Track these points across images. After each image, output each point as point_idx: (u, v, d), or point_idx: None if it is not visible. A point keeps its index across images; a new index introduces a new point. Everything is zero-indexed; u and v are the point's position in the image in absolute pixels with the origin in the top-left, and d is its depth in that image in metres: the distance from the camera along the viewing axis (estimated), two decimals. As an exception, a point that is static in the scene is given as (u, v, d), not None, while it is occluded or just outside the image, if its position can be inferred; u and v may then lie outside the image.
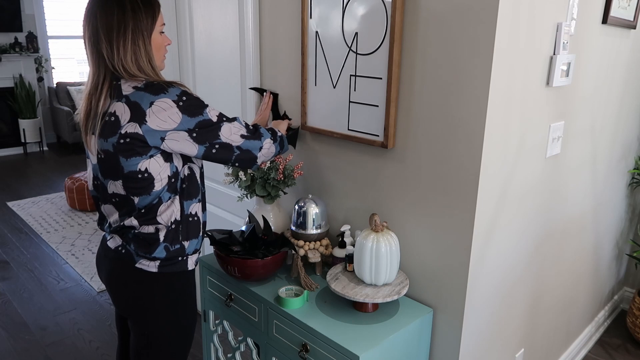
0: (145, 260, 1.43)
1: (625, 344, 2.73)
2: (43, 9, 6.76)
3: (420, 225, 1.61)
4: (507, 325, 1.84)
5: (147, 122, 1.29)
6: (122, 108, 1.30)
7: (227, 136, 1.39)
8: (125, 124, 1.30)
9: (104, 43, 1.31)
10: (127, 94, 1.31)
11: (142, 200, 1.39)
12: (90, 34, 1.32)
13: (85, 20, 1.33)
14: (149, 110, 1.29)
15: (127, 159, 1.33)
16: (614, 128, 2.30)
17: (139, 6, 1.33)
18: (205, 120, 1.35)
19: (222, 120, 1.39)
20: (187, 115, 1.32)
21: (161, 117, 1.29)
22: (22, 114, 6.55)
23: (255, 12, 1.98)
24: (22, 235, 4.15)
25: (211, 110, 1.38)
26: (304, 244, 1.75)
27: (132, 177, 1.35)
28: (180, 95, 1.32)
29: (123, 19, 1.30)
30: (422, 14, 1.46)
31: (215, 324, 1.97)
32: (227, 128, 1.40)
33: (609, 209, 2.51)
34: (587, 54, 1.85)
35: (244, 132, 1.44)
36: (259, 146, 1.48)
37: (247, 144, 1.44)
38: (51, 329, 2.84)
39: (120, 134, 1.30)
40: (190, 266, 1.50)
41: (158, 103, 1.30)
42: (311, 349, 1.50)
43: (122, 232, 1.44)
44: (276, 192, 1.82)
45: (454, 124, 1.45)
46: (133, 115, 1.29)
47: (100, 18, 1.30)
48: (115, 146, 1.32)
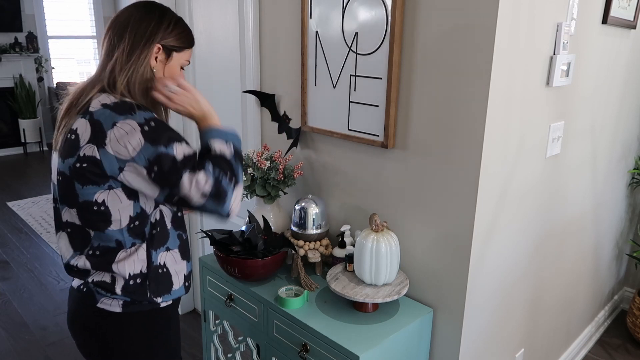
0: (107, 299, 1.24)
1: (625, 344, 2.73)
2: (43, 9, 6.76)
3: (420, 225, 1.61)
4: (507, 325, 1.84)
5: (105, 146, 1.12)
6: (85, 126, 1.14)
7: (186, 191, 1.14)
8: (84, 144, 1.13)
9: (124, 45, 1.19)
10: (93, 110, 1.15)
11: (97, 237, 1.21)
12: (111, 38, 1.21)
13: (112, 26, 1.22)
14: (110, 132, 1.12)
15: (83, 186, 1.16)
16: (614, 128, 2.30)
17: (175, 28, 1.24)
18: (166, 154, 1.12)
19: (185, 164, 1.14)
20: (149, 142, 1.12)
21: (121, 142, 1.11)
22: (22, 114, 6.55)
23: (255, 12, 1.98)
24: (22, 235, 4.15)
25: (179, 147, 1.15)
26: (304, 244, 1.75)
27: (87, 208, 1.18)
28: (149, 119, 1.14)
29: (156, 31, 1.21)
30: (422, 14, 1.46)
31: (215, 324, 1.97)
32: (188, 180, 1.13)
33: (609, 209, 2.51)
34: (587, 54, 1.85)
35: (207, 189, 1.15)
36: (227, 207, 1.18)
37: (210, 205, 1.16)
38: (51, 329, 2.84)
39: (78, 156, 1.14)
40: (163, 305, 1.30)
41: (121, 125, 1.12)
42: (311, 349, 1.50)
43: (78, 274, 1.26)
44: (276, 192, 1.82)
45: (454, 124, 1.45)
46: (93, 136, 1.13)
47: (132, 26, 1.20)
48: (71, 169, 1.16)
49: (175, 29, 1.25)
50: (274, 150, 1.95)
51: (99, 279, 1.24)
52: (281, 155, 1.84)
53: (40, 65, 6.78)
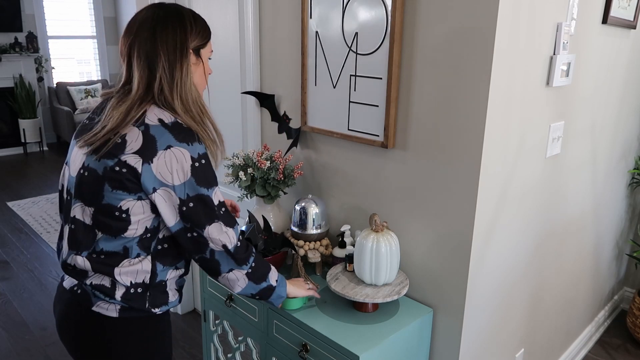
0: (104, 303, 1.21)
1: (625, 344, 2.73)
2: (43, 9, 6.76)
3: (420, 225, 1.61)
4: (507, 325, 1.84)
5: (151, 163, 1.12)
6: (136, 135, 1.13)
7: (212, 236, 1.19)
8: (129, 152, 1.12)
9: (162, 63, 1.15)
10: (150, 124, 1.14)
11: (104, 240, 1.19)
12: (144, 51, 1.16)
13: (137, 35, 1.17)
14: (161, 153, 1.12)
15: (113, 189, 1.14)
16: (614, 128, 2.30)
17: (196, 25, 1.21)
18: (206, 197, 1.18)
19: (219, 213, 1.20)
20: (195, 179, 1.15)
21: (169, 167, 1.13)
22: (22, 114, 6.55)
23: (255, 12, 1.98)
24: (22, 235, 4.15)
25: (217, 193, 1.21)
26: (304, 244, 1.75)
27: (107, 211, 1.16)
28: (202, 156, 1.17)
29: (186, 37, 1.18)
30: (422, 14, 1.46)
31: (215, 324, 1.97)
32: (217, 229, 1.20)
33: (609, 209, 2.51)
34: (587, 54, 1.85)
35: (230, 244, 1.22)
36: (229, 268, 1.24)
37: (221, 257, 1.22)
38: (51, 329, 2.84)
39: (118, 160, 1.12)
40: (159, 311, 1.28)
41: (175, 151, 1.13)
42: (311, 349, 1.50)
43: (74, 274, 1.23)
44: (276, 192, 1.82)
45: (454, 124, 1.45)
46: (142, 148, 1.12)
47: (160, 35, 1.16)
48: (106, 170, 1.14)
49: (197, 26, 1.22)
50: (274, 150, 1.95)
51: (98, 282, 1.21)
52: (281, 155, 1.84)
53: (40, 65, 6.78)
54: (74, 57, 7.33)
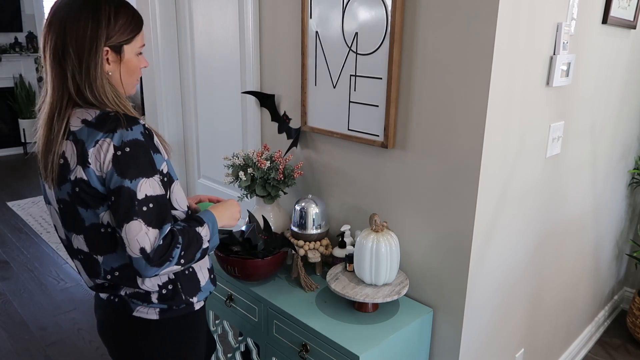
0: (143, 307, 1.23)
1: (625, 344, 2.73)
2: (43, 9, 6.75)
3: (420, 225, 1.61)
4: (507, 325, 1.84)
5: (90, 165, 1.07)
6: (71, 148, 1.09)
7: (128, 236, 1.06)
8: (74, 167, 1.08)
9: (71, 60, 1.08)
10: (75, 130, 1.09)
11: (108, 260, 1.17)
12: (54, 47, 1.08)
13: (49, 30, 1.09)
14: (91, 151, 1.06)
15: (87, 209, 1.12)
16: (614, 128, 2.30)
17: (116, 21, 1.11)
18: (126, 190, 1.06)
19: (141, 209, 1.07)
20: (116, 170, 1.06)
21: (99, 160, 1.07)
22: (22, 114, 6.55)
23: (255, 12, 1.98)
24: (22, 235, 4.15)
25: (145, 184, 1.07)
26: (304, 244, 1.75)
27: (94, 232, 1.14)
28: (127, 142, 1.06)
29: (97, 34, 1.08)
30: (422, 14, 1.46)
31: (215, 324, 1.97)
32: (135, 228, 1.06)
33: (609, 209, 2.51)
34: (587, 54, 1.85)
35: (149, 248, 1.07)
36: (154, 273, 1.10)
37: (139, 263, 1.08)
38: (51, 329, 2.84)
39: (71, 181, 1.09)
40: (198, 306, 1.30)
41: (101, 142, 1.06)
42: (311, 349, 1.50)
43: (106, 290, 1.24)
44: (276, 192, 1.82)
45: (454, 124, 1.45)
46: (79, 156, 1.08)
47: (69, 30, 1.07)
48: (70, 195, 1.11)
49: (117, 20, 1.11)
50: (274, 150, 1.95)
51: (132, 291, 1.22)
52: (281, 155, 1.84)
53: (40, 65, 6.76)
54: (74, 57, 7.32)
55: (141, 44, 1.19)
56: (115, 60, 1.14)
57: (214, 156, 2.50)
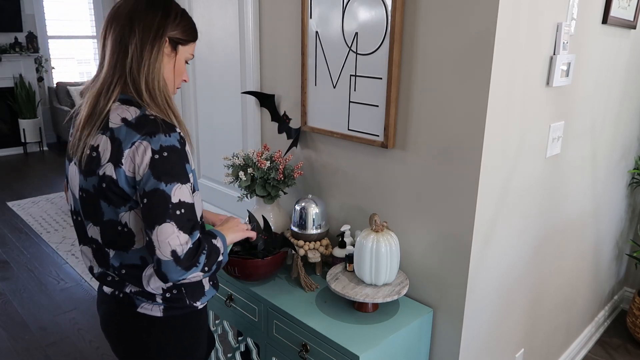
0: (148, 304, 1.25)
1: (625, 344, 2.73)
2: (43, 9, 6.75)
3: (420, 225, 1.61)
4: (507, 325, 1.84)
5: (122, 165, 1.09)
6: (106, 144, 1.11)
7: (160, 238, 1.07)
8: (104, 163, 1.11)
9: (135, 40, 1.12)
10: (114, 127, 1.11)
11: (118, 256, 1.19)
12: (120, 31, 1.14)
13: (113, 20, 1.16)
14: (127, 152, 1.09)
15: (109, 205, 1.14)
16: (614, 128, 2.30)
17: (181, 20, 1.20)
18: (161, 192, 1.07)
19: (174, 212, 1.08)
20: (152, 173, 1.08)
21: (134, 162, 1.09)
22: (22, 114, 6.55)
23: (255, 12, 1.98)
24: (22, 235, 4.15)
25: (179, 190, 1.10)
26: (304, 244, 1.75)
27: (111, 227, 1.16)
28: (165, 147, 1.09)
29: (165, 22, 1.16)
30: (422, 14, 1.46)
31: (215, 324, 1.97)
32: (168, 230, 1.07)
33: (609, 209, 2.51)
34: (587, 54, 1.85)
35: (180, 251, 1.09)
36: (181, 277, 1.12)
37: (169, 266, 1.08)
38: (51, 329, 2.84)
39: (99, 176, 1.12)
40: (200, 305, 1.32)
41: (137, 145, 1.08)
42: (311, 349, 1.50)
43: (112, 284, 1.25)
44: (276, 192, 1.82)
45: (454, 124, 1.45)
46: (112, 154, 1.10)
47: (137, 18, 1.14)
48: (95, 188, 1.13)
49: (182, 21, 1.20)
50: (274, 150, 1.95)
51: (136, 289, 1.23)
52: (281, 155, 1.84)
53: (40, 65, 6.78)
54: (74, 57, 7.32)
55: (191, 52, 1.26)
56: (169, 54, 1.20)
57: (214, 156, 2.50)
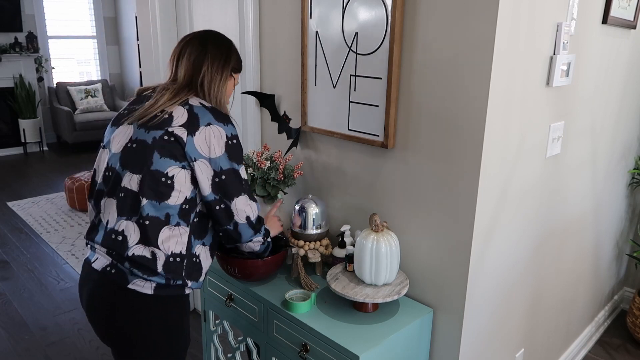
0: (140, 281, 1.31)
1: (625, 344, 2.73)
2: (43, 9, 6.76)
3: (420, 225, 1.61)
4: (507, 325, 1.84)
5: (194, 136, 1.30)
6: (182, 112, 1.32)
7: (238, 207, 1.36)
8: (176, 125, 1.30)
9: (208, 65, 1.39)
10: (193, 104, 1.34)
11: (149, 206, 1.29)
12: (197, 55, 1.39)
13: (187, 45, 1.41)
14: (202, 128, 1.31)
15: (162, 156, 1.29)
16: (614, 128, 2.30)
17: (237, 54, 1.49)
18: (237, 172, 1.35)
19: (246, 187, 1.39)
20: (227, 155, 1.33)
21: (207, 141, 1.31)
22: (22, 114, 6.55)
23: (255, 12, 1.98)
24: (22, 235, 4.15)
25: (244, 170, 1.40)
26: (304, 244, 1.75)
27: (154, 177, 1.29)
28: (234, 136, 1.36)
29: (229, 55, 1.44)
30: (422, 14, 1.46)
31: (215, 324, 1.97)
32: (244, 201, 1.37)
33: (609, 209, 2.51)
34: (587, 54, 1.85)
35: (252, 217, 1.40)
36: (250, 239, 1.43)
37: (244, 228, 1.40)
38: (51, 329, 2.84)
39: (166, 131, 1.29)
40: (187, 290, 1.41)
41: (213, 128, 1.32)
42: (311, 349, 1.50)
43: (117, 245, 1.31)
44: (276, 192, 1.82)
45: (454, 124, 1.45)
46: (187, 123, 1.30)
47: (211, 46, 1.41)
48: (155, 140, 1.30)
49: (237, 55, 1.49)
50: (274, 150, 1.95)
51: (140, 253, 1.29)
52: (281, 155, 1.84)
53: (40, 65, 6.78)
54: (74, 57, 7.32)
55: (238, 79, 1.53)
56: (228, 78, 1.46)
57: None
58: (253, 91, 2.04)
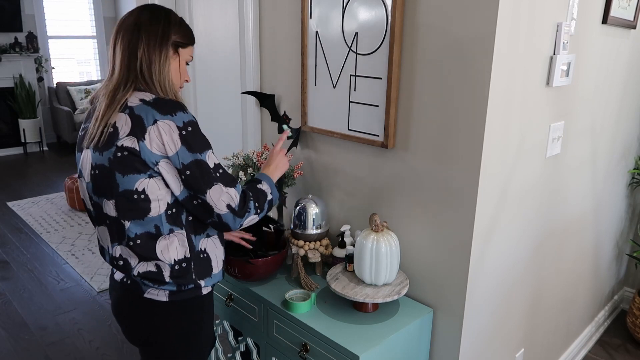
0: (154, 290, 1.32)
1: (625, 344, 2.73)
2: (43, 9, 6.76)
3: (420, 225, 1.61)
4: (507, 325, 1.84)
5: (144, 140, 1.20)
6: (124, 119, 1.21)
7: (213, 198, 1.24)
8: (123, 136, 1.20)
9: (143, 44, 1.25)
10: (132, 105, 1.22)
11: (134, 226, 1.26)
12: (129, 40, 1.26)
13: (120, 31, 1.28)
14: (150, 128, 1.20)
15: (124, 175, 1.22)
16: (614, 128, 2.30)
17: (181, 26, 1.34)
18: (201, 162, 1.23)
19: (216, 175, 1.26)
20: (185, 146, 1.21)
21: (160, 140, 1.20)
22: (22, 114, 6.55)
23: (255, 12, 1.98)
24: (22, 235, 4.15)
25: (211, 156, 1.27)
26: (304, 244, 1.75)
27: (126, 197, 1.24)
28: (187, 123, 1.23)
29: (169, 29, 1.29)
30: (422, 14, 1.46)
31: (216, 324, 1.97)
32: (219, 190, 1.25)
33: (609, 209, 2.51)
34: (587, 54, 1.85)
35: (233, 204, 1.27)
36: (240, 223, 1.31)
37: (228, 218, 1.27)
38: (51, 329, 2.84)
39: (116, 147, 1.21)
40: (205, 291, 1.38)
41: (161, 124, 1.20)
42: (311, 349, 1.50)
43: (122, 268, 1.32)
44: (276, 192, 1.82)
45: (454, 124, 1.45)
46: (133, 129, 1.20)
47: (144, 27, 1.27)
48: (111, 160, 1.22)
49: (181, 26, 1.33)
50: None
51: (144, 269, 1.29)
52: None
53: (40, 65, 6.78)
54: (74, 57, 7.32)
55: (190, 54, 1.38)
56: (172, 56, 1.32)
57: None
58: (253, 91, 2.04)
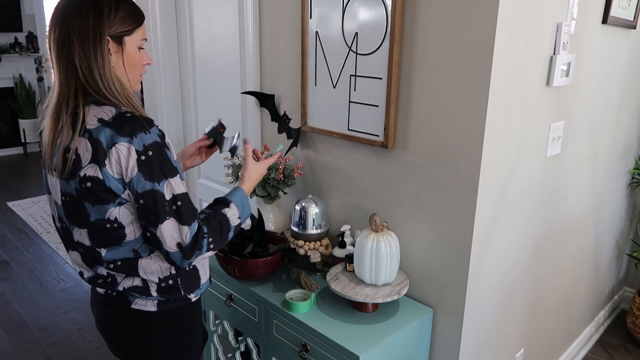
0: (142, 300, 1.24)
1: (625, 344, 2.73)
2: (43, 9, 6.76)
3: (420, 225, 1.61)
4: (507, 325, 1.84)
5: (105, 166, 1.09)
6: (84, 145, 1.10)
7: (164, 234, 1.13)
8: (86, 164, 1.10)
9: (76, 49, 1.09)
10: (91, 128, 1.10)
11: (111, 253, 1.19)
12: (57, 39, 1.11)
13: (52, 25, 1.12)
14: (109, 152, 1.08)
15: (93, 205, 1.13)
16: (614, 128, 2.30)
17: (117, 12, 1.13)
18: (156, 192, 1.11)
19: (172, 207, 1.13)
20: (142, 174, 1.10)
21: (120, 164, 1.09)
22: (22, 114, 6.55)
23: (255, 12, 1.98)
24: (22, 235, 4.15)
25: (170, 185, 1.13)
26: (304, 244, 1.75)
27: (99, 228, 1.16)
28: (148, 147, 1.10)
29: (99, 23, 1.10)
30: (422, 14, 1.46)
31: (215, 324, 1.97)
32: (169, 227, 1.13)
33: (609, 209, 2.51)
34: (587, 54, 1.85)
35: (184, 243, 1.14)
36: (188, 264, 1.19)
37: (176, 257, 1.16)
38: (51, 329, 2.84)
39: (80, 177, 1.11)
40: (194, 298, 1.32)
41: (119, 147, 1.08)
42: (311, 349, 1.50)
43: (105, 285, 1.24)
44: (276, 192, 1.82)
45: (454, 124, 1.45)
46: (94, 156, 1.09)
47: (72, 21, 1.09)
48: (78, 190, 1.13)
49: (117, 12, 1.13)
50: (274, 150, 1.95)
51: (130, 284, 1.23)
52: (281, 155, 1.84)
53: (40, 65, 6.78)
54: (74, 57, 7.32)
55: (142, 38, 1.20)
56: (116, 50, 1.15)
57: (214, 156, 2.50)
58: (253, 91, 2.04)
